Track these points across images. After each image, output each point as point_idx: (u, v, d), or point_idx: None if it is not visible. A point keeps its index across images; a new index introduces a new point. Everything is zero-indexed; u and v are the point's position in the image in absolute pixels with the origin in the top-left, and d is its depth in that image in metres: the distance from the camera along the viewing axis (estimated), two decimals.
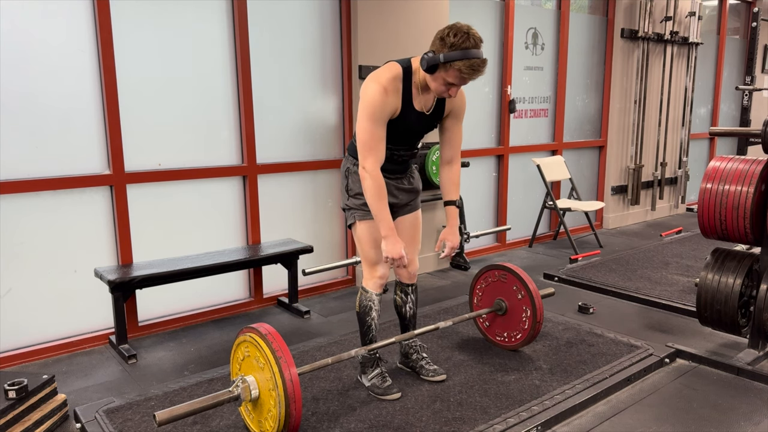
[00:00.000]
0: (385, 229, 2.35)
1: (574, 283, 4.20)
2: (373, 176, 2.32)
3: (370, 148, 2.31)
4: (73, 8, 3.04)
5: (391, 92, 2.30)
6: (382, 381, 2.59)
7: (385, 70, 2.34)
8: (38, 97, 3.00)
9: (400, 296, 2.75)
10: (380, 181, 2.33)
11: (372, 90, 2.29)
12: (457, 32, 2.17)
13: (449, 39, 2.16)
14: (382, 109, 2.29)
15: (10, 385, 2.28)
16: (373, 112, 2.28)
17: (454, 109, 2.52)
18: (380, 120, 2.31)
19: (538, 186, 5.43)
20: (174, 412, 1.99)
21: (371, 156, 2.31)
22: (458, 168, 2.62)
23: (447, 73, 2.21)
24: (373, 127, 2.30)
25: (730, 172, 2.83)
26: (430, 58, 2.21)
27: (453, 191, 2.62)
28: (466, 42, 2.16)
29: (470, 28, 2.20)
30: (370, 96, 2.29)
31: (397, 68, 2.34)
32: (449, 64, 2.18)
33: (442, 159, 2.62)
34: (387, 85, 2.29)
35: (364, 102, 2.30)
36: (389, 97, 2.30)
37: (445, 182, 2.62)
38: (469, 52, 2.15)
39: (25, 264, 3.05)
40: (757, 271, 2.89)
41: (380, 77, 2.31)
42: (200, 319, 3.63)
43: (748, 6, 7.52)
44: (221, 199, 3.68)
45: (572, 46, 5.56)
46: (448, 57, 2.16)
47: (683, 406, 2.55)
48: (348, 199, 2.55)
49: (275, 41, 3.75)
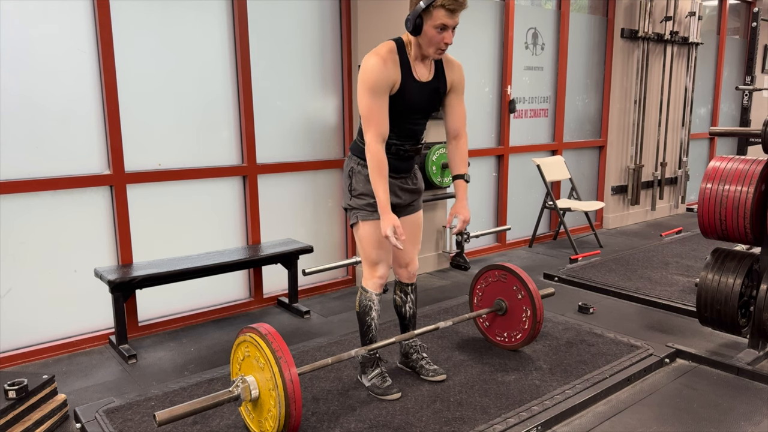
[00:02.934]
0: (382, 207, 2.34)
1: (574, 283, 4.20)
2: (373, 151, 2.31)
3: (370, 121, 2.30)
4: (73, 8, 3.04)
5: (389, 63, 2.31)
6: (382, 381, 2.59)
7: (380, 46, 2.36)
8: (38, 97, 3.00)
9: (399, 296, 2.75)
10: (380, 156, 2.32)
11: (371, 62, 2.29)
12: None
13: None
14: (382, 80, 2.29)
15: (10, 385, 2.28)
16: (373, 83, 2.28)
17: (454, 83, 2.52)
18: (380, 91, 2.29)
19: (538, 186, 5.43)
20: (174, 412, 1.99)
21: (372, 128, 2.30)
22: (465, 142, 2.60)
23: (433, 18, 2.22)
24: (372, 101, 2.29)
25: (730, 172, 2.83)
26: (413, 12, 2.23)
27: (461, 165, 2.59)
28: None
29: None
30: (369, 68, 2.28)
31: (390, 43, 2.37)
32: (431, 6, 2.19)
33: (449, 134, 2.60)
34: (385, 57, 2.30)
35: (363, 75, 2.30)
36: (388, 68, 2.30)
37: (453, 156, 2.60)
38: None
39: (25, 264, 3.06)
40: (757, 271, 2.89)
41: (377, 50, 2.33)
42: (200, 319, 3.63)
43: (748, 6, 7.52)
44: (221, 199, 3.68)
45: (572, 46, 5.56)
46: (428, 1, 2.18)
47: (683, 406, 2.55)
48: (351, 198, 2.53)
49: (275, 41, 3.75)
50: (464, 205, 2.55)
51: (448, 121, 2.59)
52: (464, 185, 2.56)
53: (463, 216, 2.54)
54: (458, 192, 2.57)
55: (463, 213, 2.54)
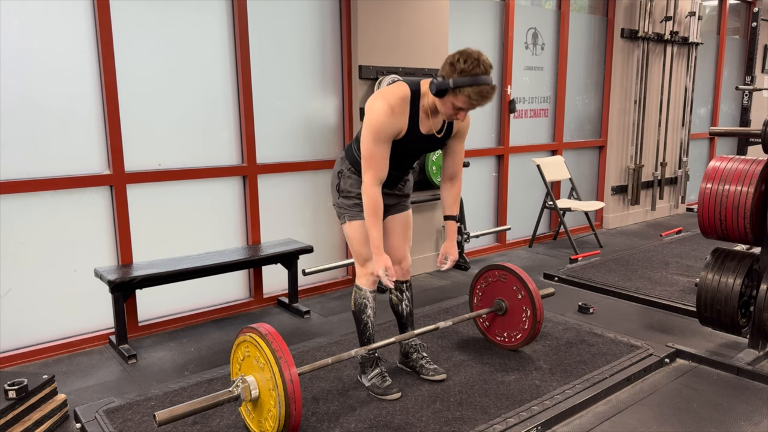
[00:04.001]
0: (373, 247, 2.39)
1: (574, 283, 4.20)
2: (369, 193, 2.34)
3: (370, 166, 2.33)
4: (73, 8, 3.04)
5: (397, 112, 2.29)
6: (382, 381, 2.60)
7: (393, 89, 2.33)
8: (38, 97, 3.00)
9: (395, 294, 2.76)
10: (376, 198, 2.35)
11: (378, 108, 2.27)
12: (468, 58, 2.15)
13: (459, 65, 2.15)
14: (386, 129, 2.29)
15: (10, 385, 2.28)
16: (377, 130, 2.28)
17: (461, 129, 2.54)
18: (384, 140, 2.30)
19: (538, 186, 5.43)
20: (174, 412, 1.99)
21: (370, 172, 2.33)
22: (460, 184, 2.66)
23: (456, 98, 2.19)
24: (375, 146, 2.30)
25: (730, 172, 2.83)
26: (440, 83, 2.19)
27: (454, 207, 2.67)
28: (476, 68, 2.14)
29: (480, 54, 2.18)
30: (375, 114, 2.28)
31: (405, 89, 2.32)
32: (458, 90, 2.16)
33: (445, 175, 2.64)
34: (394, 105, 2.28)
35: (369, 119, 2.29)
36: (395, 118, 2.29)
37: (447, 198, 2.67)
38: (478, 78, 2.14)
39: (25, 264, 3.06)
40: (757, 271, 2.89)
41: (388, 96, 2.30)
42: (200, 319, 3.63)
43: (748, 6, 7.52)
44: (221, 199, 3.68)
45: (572, 46, 5.56)
46: (458, 83, 2.15)
47: (683, 406, 2.55)
48: (339, 198, 2.58)
49: (275, 41, 3.75)
50: (454, 245, 2.67)
51: (446, 163, 2.61)
52: (455, 226, 2.69)
53: (452, 256, 2.64)
54: (449, 232, 2.68)
55: (453, 253, 2.65)
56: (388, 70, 4.04)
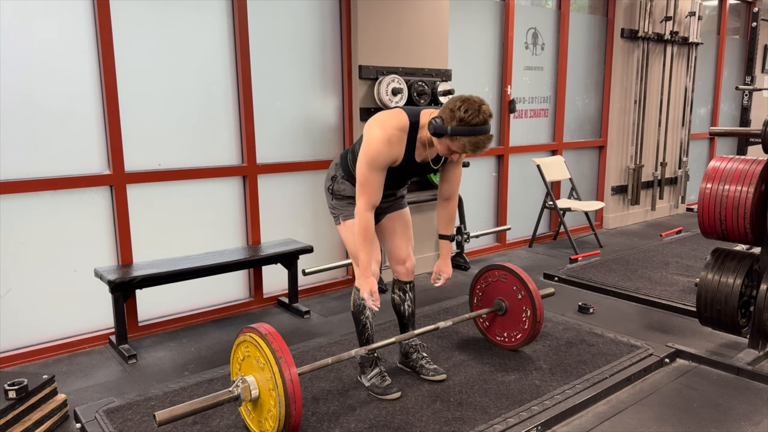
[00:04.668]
0: (361, 268, 2.42)
1: (574, 283, 4.20)
2: (361, 216, 2.35)
3: (365, 191, 2.34)
4: (73, 8, 3.04)
5: (394, 143, 2.30)
6: (382, 380, 2.60)
7: (392, 118, 2.32)
8: (38, 97, 3.00)
9: (398, 294, 2.76)
10: (368, 223, 2.36)
11: (375, 138, 2.28)
12: (469, 108, 2.14)
13: (459, 113, 2.14)
14: (382, 158, 2.30)
15: (10, 385, 2.28)
16: (372, 159, 2.29)
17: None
18: (379, 168, 2.32)
19: (538, 186, 5.43)
20: (174, 412, 1.99)
21: (364, 197, 2.34)
22: (455, 204, 2.68)
23: (452, 143, 2.20)
24: (370, 173, 2.31)
25: (730, 172, 2.83)
26: (438, 126, 2.19)
27: (449, 227, 2.69)
28: (475, 118, 2.14)
29: (482, 103, 2.18)
30: (372, 143, 2.28)
31: (404, 120, 2.32)
32: (455, 137, 2.18)
33: (441, 195, 2.65)
34: (391, 135, 2.28)
35: (366, 147, 2.30)
36: (392, 148, 2.30)
37: (442, 217, 2.68)
38: (476, 129, 2.15)
39: (25, 264, 3.06)
40: (757, 271, 2.89)
41: (386, 125, 2.30)
42: (200, 319, 3.63)
43: (748, 6, 7.51)
44: (221, 199, 3.68)
45: (572, 46, 5.56)
46: (455, 131, 2.15)
47: (683, 406, 2.55)
48: (332, 200, 2.61)
49: (275, 41, 3.75)
50: (448, 263, 2.70)
51: (443, 185, 2.62)
52: (449, 245, 2.71)
53: (446, 274, 2.68)
54: (443, 250, 2.71)
55: (446, 271, 2.68)
56: (388, 70, 4.04)
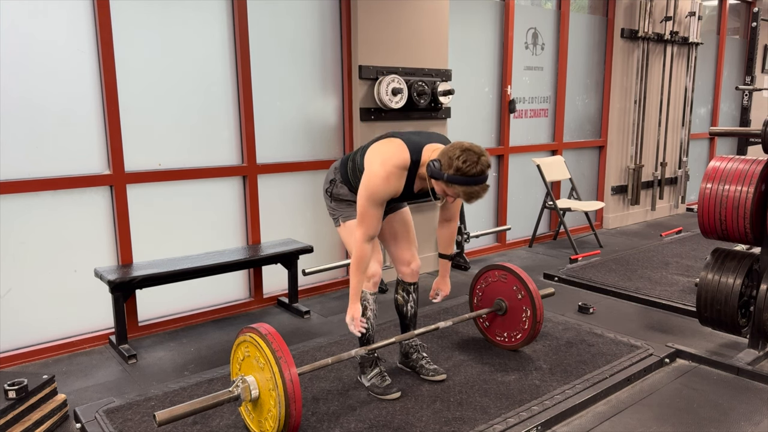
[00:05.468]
0: (351, 293, 2.46)
1: (574, 283, 4.20)
2: (359, 249, 2.38)
3: (363, 223, 2.35)
4: (73, 8, 3.04)
5: (393, 181, 2.31)
6: (382, 381, 2.60)
7: (394, 155, 2.31)
8: (38, 97, 3.00)
9: (401, 295, 2.76)
10: (364, 254, 2.38)
11: (375, 174, 2.28)
12: (468, 159, 2.13)
13: (457, 162, 2.14)
14: (380, 195, 2.31)
15: (10, 385, 2.28)
16: (371, 195, 2.30)
17: None
18: (378, 203, 2.33)
19: (538, 186, 5.43)
20: (174, 412, 1.99)
21: (363, 229, 2.36)
22: (456, 225, 2.70)
23: (447, 188, 2.22)
24: (369, 207, 2.33)
25: (730, 172, 2.83)
26: (435, 171, 2.20)
27: (449, 247, 2.74)
28: (472, 169, 2.14)
29: (482, 154, 2.17)
30: (372, 180, 2.29)
31: (406, 158, 2.31)
32: (450, 184, 2.19)
33: (442, 217, 2.67)
34: (391, 174, 2.29)
35: (366, 181, 2.31)
36: (391, 186, 2.31)
37: (442, 238, 2.71)
38: (471, 179, 2.15)
39: (25, 264, 3.06)
40: (757, 271, 2.89)
41: (387, 163, 2.29)
42: (200, 319, 3.63)
43: (748, 6, 7.52)
44: (221, 199, 3.68)
45: (572, 46, 5.56)
46: (451, 179, 2.17)
47: (683, 406, 2.55)
48: (331, 202, 2.62)
49: (275, 41, 3.75)
50: (446, 281, 2.77)
51: (444, 210, 2.64)
52: (448, 264, 2.77)
53: (444, 291, 2.76)
54: (442, 269, 2.77)
55: (444, 288, 2.76)
56: (388, 70, 4.04)
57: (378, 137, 2.45)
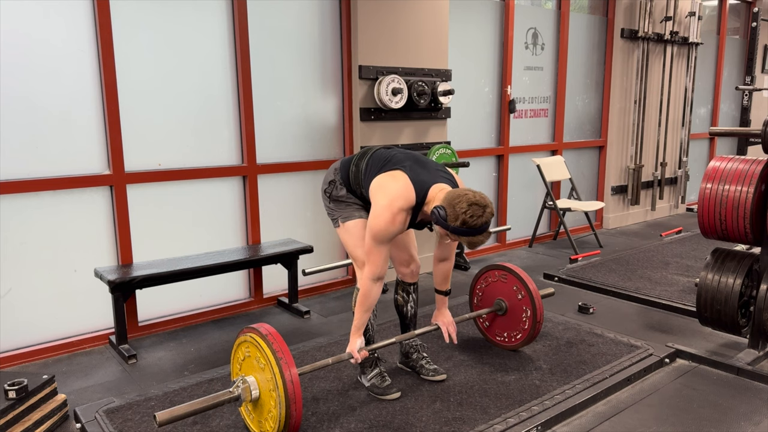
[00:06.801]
0: (354, 328, 2.47)
1: (574, 283, 4.20)
2: (365, 287, 2.40)
3: (370, 261, 2.37)
4: (72, 8, 3.04)
5: (399, 222, 2.32)
6: (382, 381, 2.60)
7: (400, 195, 2.30)
8: (38, 97, 3.00)
9: (401, 295, 2.76)
10: (371, 293, 2.41)
11: (382, 217, 2.29)
12: (474, 214, 2.13)
13: (463, 216, 2.14)
14: (387, 235, 2.33)
15: (10, 385, 2.28)
16: (377, 234, 2.32)
17: None
18: (384, 242, 2.34)
19: (538, 186, 5.43)
20: (174, 412, 1.99)
21: (370, 267, 2.38)
22: (451, 264, 2.72)
23: (450, 235, 2.24)
24: (375, 245, 2.34)
25: (730, 172, 2.83)
26: (440, 220, 2.20)
27: (445, 283, 2.74)
28: (476, 221, 2.15)
29: (487, 207, 2.17)
30: (379, 223, 2.30)
31: (411, 198, 2.31)
32: (453, 234, 2.21)
33: (437, 256, 2.68)
34: (397, 216, 2.30)
35: (373, 221, 2.31)
36: (397, 226, 2.32)
37: (438, 275, 2.73)
38: (475, 230, 2.16)
39: (25, 264, 3.05)
40: (757, 271, 2.89)
41: (393, 206, 2.29)
42: (200, 319, 3.63)
43: (748, 6, 7.52)
44: (221, 199, 3.68)
45: (572, 46, 5.56)
46: (455, 231, 2.18)
47: (683, 406, 2.55)
48: (330, 203, 2.61)
49: (275, 41, 3.75)
50: (444, 313, 2.77)
51: (439, 249, 2.65)
52: (445, 299, 2.78)
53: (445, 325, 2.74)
54: (439, 303, 2.78)
55: (442, 320, 2.76)
56: (388, 70, 4.04)
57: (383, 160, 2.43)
